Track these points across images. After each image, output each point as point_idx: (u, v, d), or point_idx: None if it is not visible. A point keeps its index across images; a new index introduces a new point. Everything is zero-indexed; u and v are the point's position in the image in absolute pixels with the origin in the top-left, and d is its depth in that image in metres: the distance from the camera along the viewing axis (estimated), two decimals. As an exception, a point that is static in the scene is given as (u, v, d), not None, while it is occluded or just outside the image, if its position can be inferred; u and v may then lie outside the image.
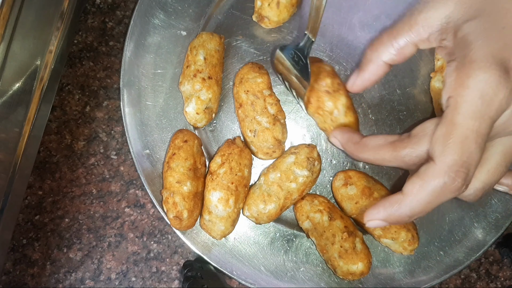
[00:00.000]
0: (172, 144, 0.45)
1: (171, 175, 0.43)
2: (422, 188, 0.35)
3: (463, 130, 0.33)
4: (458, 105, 0.34)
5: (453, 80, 0.35)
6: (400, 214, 0.36)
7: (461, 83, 0.34)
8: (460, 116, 0.33)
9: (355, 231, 0.45)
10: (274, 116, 0.45)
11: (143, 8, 0.48)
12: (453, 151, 0.33)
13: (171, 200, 0.43)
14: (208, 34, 0.47)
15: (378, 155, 0.39)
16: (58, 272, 0.49)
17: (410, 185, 0.35)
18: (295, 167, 0.45)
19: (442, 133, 0.34)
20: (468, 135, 0.33)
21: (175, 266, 0.50)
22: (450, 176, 0.33)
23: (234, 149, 0.45)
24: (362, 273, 0.44)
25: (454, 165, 0.33)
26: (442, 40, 0.39)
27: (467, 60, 0.35)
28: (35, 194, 0.50)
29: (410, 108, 0.49)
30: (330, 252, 0.44)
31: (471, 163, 0.33)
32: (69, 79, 0.51)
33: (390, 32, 0.41)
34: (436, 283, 0.47)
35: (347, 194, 0.46)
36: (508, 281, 0.51)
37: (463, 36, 0.36)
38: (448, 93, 0.35)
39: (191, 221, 0.44)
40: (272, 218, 0.46)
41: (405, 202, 0.36)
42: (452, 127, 0.34)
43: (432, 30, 0.39)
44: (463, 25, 0.37)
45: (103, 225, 0.50)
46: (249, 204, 0.45)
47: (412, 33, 0.39)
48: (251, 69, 0.46)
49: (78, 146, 0.50)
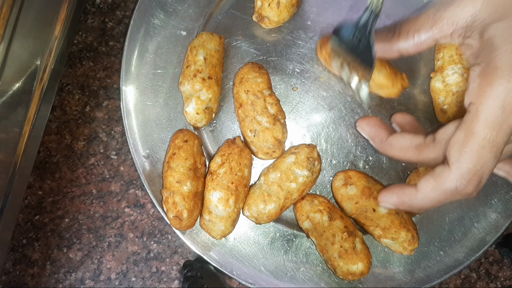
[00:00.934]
0: (172, 144, 0.45)
1: (171, 175, 0.43)
2: (434, 189, 0.36)
3: (480, 139, 0.34)
4: (478, 113, 0.34)
5: (476, 86, 0.35)
6: (410, 205, 0.38)
7: (483, 91, 0.34)
8: (479, 125, 0.34)
9: (355, 231, 0.45)
10: (274, 116, 0.45)
11: (143, 8, 0.48)
12: (468, 160, 0.34)
13: (171, 200, 0.43)
14: (208, 34, 0.47)
15: (404, 156, 0.40)
16: (58, 272, 0.49)
17: (424, 183, 0.37)
18: (295, 167, 0.45)
19: (460, 140, 0.35)
20: (484, 145, 0.33)
21: (175, 266, 0.50)
22: (463, 183, 0.34)
23: (234, 149, 0.45)
24: (362, 273, 0.44)
25: (467, 173, 0.34)
26: (467, 37, 0.38)
27: (491, 67, 0.35)
28: (35, 194, 0.50)
29: (410, 108, 0.49)
30: (330, 252, 0.44)
31: (484, 172, 0.34)
32: (69, 79, 0.51)
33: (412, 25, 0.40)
34: (436, 283, 0.47)
35: (347, 194, 0.46)
36: (508, 281, 0.51)
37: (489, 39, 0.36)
38: (470, 98, 0.35)
39: (191, 221, 0.44)
40: (272, 218, 0.46)
41: (417, 197, 0.37)
42: (470, 135, 0.34)
43: (457, 27, 0.38)
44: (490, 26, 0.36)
45: (103, 225, 0.50)
46: (249, 204, 0.45)
47: (435, 28, 0.39)
48: (251, 69, 0.46)
49: (78, 146, 0.50)
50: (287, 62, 0.49)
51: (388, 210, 0.45)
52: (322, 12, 0.50)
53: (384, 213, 0.45)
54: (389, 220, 0.44)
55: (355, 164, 0.49)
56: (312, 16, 0.50)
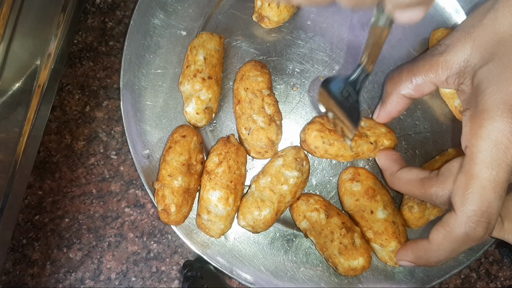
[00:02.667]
0: (170, 138, 0.45)
1: (164, 167, 0.44)
2: (446, 238, 0.36)
3: (481, 180, 0.34)
4: (473, 155, 0.34)
5: (468, 129, 0.36)
6: (427, 259, 0.38)
7: (474, 133, 0.35)
8: (476, 167, 0.34)
9: (353, 226, 0.45)
10: (270, 117, 0.45)
11: (143, 8, 0.48)
12: (472, 202, 0.34)
13: (160, 193, 0.43)
14: (208, 34, 0.47)
15: (409, 191, 0.41)
16: (58, 272, 0.49)
17: (435, 234, 0.37)
18: (284, 169, 0.45)
19: (462, 184, 0.35)
20: (486, 185, 0.33)
21: (175, 266, 0.50)
22: (471, 226, 0.34)
23: (231, 147, 0.45)
24: (363, 268, 0.44)
25: (473, 216, 0.34)
26: (460, 84, 0.39)
27: (479, 109, 0.35)
28: (35, 194, 0.50)
29: (410, 108, 0.49)
30: (330, 249, 0.44)
31: (491, 212, 0.34)
32: (69, 79, 0.51)
33: (411, 69, 0.42)
34: (436, 283, 0.47)
35: (351, 189, 0.46)
36: (508, 281, 0.51)
37: (477, 83, 0.36)
38: (465, 143, 0.36)
39: (179, 217, 0.44)
40: (268, 225, 0.45)
41: (431, 250, 0.37)
42: (469, 178, 0.34)
43: (451, 72, 0.39)
44: (478, 70, 0.37)
45: (103, 225, 0.50)
46: (244, 213, 0.45)
47: (431, 73, 0.40)
48: (253, 67, 0.46)
49: (78, 146, 0.50)
50: (287, 62, 0.49)
51: (385, 217, 0.44)
52: (322, 12, 0.50)
53: (381, 218, 0.44)
54: (383, 226, 0.44)
55: (355, 164, 0.49)
56: (312, 16, 0.50)
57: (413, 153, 0.49)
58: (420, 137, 0.49)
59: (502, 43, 0.36)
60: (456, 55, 0.39)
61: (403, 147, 0.49)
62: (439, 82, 0.41)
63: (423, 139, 0.49)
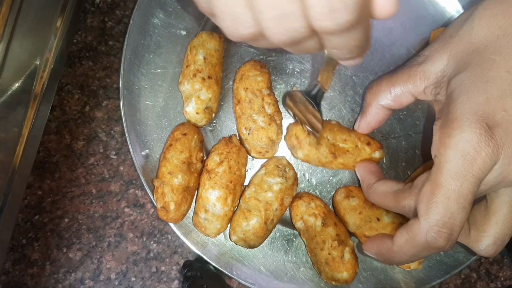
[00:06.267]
0: (171, 136, 0.45)
1: (164, 165, 0.43)
2: (407, 242, 0.36)
3: (445, 190, 0.33)
4: (441, 165, 0.34)
5: (437, 139, 0.36)
6: (388, 257, 0.39)
7: (443, 142, 0.34)
8: (442, 177, 0.34)
9: (347, 239, 0.45)
10: (270, 116, 0.45)
11: (142, 8, 0.48)
12: (435, 212, 0.34)
13: (160, 190, 0.43)
14: (208, 33, 0.47)
15: (384, 203, 0.41)
16: (57, 272, 0.49)
17: (399, 236, 0.37)
18: (266, 177, 0.45)
19: (427, 192, 0.34)
20: (449, 195, 0.33)
21: (175, 266, 0.50)
22: (432, 236, 0.34)
23: (232, 148, 0.45)
24: (346, 282, 0.44)
25: (435, 226, 0.34)
26: (437, 94, 0.39)
27: (449, 118, 0.35)
28: (35, 194, 0.49)
29: (410, 107, 0.49)
30: (318, 257, 0.44)
31: (453, 223, 0.33)
32: (69, 79, 0.51)
33: (390, 80, 0.42)
34: (436, 283, 0.47)
35: (349, 205, 0.46)
36: (508, 281, 0.51)
37: (450, 92, 0.36)
38: (434, 152, 0.36)
39: (178, 215, 0.44)
40: (259, 235, 0.44)
41: (393, 251, 0.37)
42: (435, 187, 0.34)
43: (428, 83, 0.39)
44: (452, 79, 0.37)
45: (103, 225, 0.50)
46: (233, 227, 0.45)
47: (409, 83, 0.40)
48: (252, 67, 0.46)
49: (78, 146, 0.50)
50: (287, 61, 0.49)
51: (392, 219, 0.44)
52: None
53: (389, 222, 0.44)
54: (392, 229, 0.44)
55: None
56: (312, 16, 0.50)
57: (413, 153, 0.49)
58: (420, 137, 0.49)
59: (476, 53, 0.36)
60: (433, 66, 0.39)
61: (403, 147, 0.49)
62: (417, 93, 0.41)
63: (423, 139, 0.49)
